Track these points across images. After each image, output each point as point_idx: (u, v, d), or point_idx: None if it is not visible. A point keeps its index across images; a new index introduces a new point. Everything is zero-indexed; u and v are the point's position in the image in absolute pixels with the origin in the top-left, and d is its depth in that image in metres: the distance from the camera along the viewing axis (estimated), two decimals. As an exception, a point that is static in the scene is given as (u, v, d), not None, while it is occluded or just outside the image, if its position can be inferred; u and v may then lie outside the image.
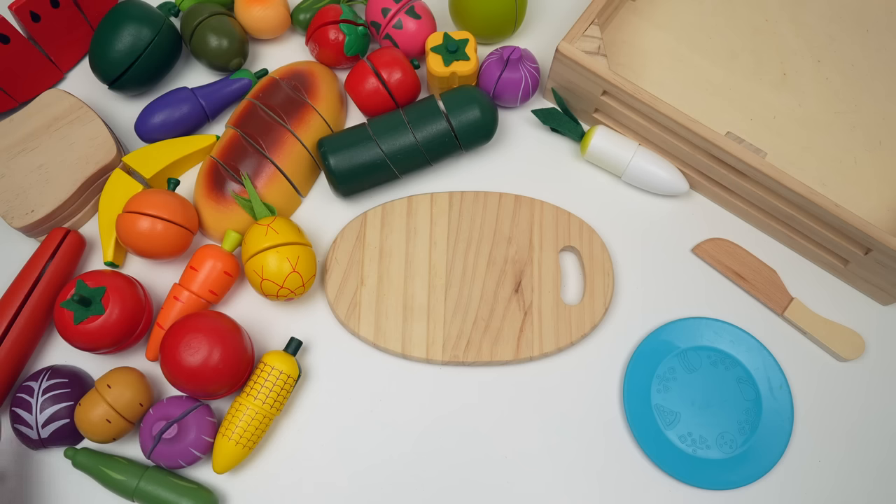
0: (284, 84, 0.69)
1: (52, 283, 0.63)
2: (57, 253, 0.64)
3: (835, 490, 0.62)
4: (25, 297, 0.62)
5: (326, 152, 0.66)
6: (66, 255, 0.65)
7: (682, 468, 0.61)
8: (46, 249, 0.64)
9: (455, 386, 0.64)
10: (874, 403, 0.64)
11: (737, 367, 0.64)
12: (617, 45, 0.74)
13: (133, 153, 0.68)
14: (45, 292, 0.63)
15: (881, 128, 0.72)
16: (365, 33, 0.72)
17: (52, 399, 0.59)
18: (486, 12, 0.71)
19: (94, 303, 0.59)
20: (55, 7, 0.70)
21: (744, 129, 0.70)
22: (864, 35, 0.76)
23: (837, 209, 0.61)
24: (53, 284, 0.63)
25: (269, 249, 0.61)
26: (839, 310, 0.67)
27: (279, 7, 0.73)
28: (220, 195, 0.66)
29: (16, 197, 0.65)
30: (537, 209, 0.68)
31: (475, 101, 0.67)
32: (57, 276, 0.64)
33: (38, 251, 0.64)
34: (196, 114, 0.70)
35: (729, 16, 0.76)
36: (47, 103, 0.68)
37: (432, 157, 0.67)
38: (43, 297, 0.63)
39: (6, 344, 0.61)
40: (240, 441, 0.59)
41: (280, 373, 0.60)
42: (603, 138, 0.68)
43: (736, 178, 0.65)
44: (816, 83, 0.74)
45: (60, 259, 0.64)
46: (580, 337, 0.64)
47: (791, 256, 0.69)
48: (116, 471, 0.59)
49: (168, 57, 0.71)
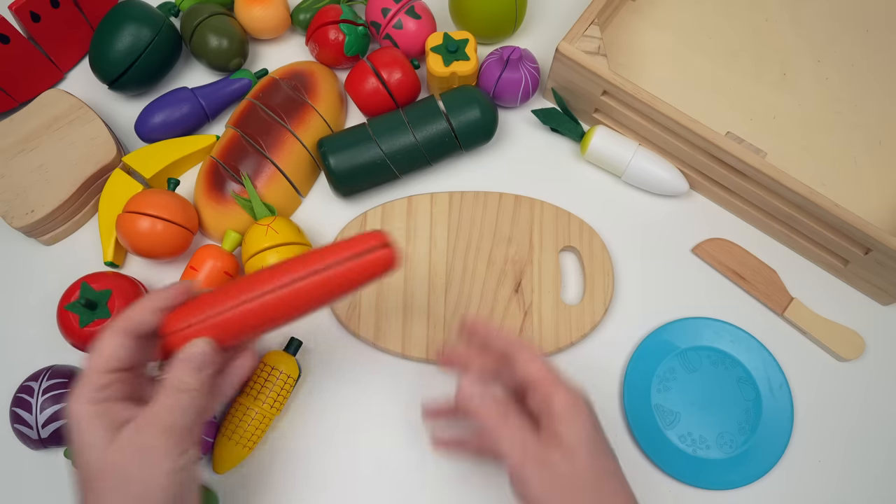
0: (284, 84, 0.69)
1: (334, 279, 0.47)
2: (364, 256, 0.47)
3: (835, 490, 0.62)
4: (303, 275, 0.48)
5: (326, 152, 0.66)
6: (369, 265, 0.48)
7: (681, 468, 0.61)
8: (357, 245, 0.48)
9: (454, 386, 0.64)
10: (874, 403, 0.64)
11: (737, 367, 0.64)
12: (617, 45, 0.74)
13: (133, 153, 0.68)
14: (323, 282, 0.48)
15: (881, 128, 0.72)
16: (365, 33, 0.72)
17: (52, 399, 0.59)
18: (486, 12, 0.71)
19: (100, 306, 0.59)
20: (55, 7, 0.70)
21: (744, 129, 0.70)
22: (864, 35, 0.76)
23: (837, 209, 0.61)
24: (335, 280, 0.48)
25: (269, 249, 0.61)
26: (839, 310, 0.67)
27: (279, 7, 0.73)
28: (220, 195, 0.66)
29: (16, 197, 0.65)
30: (537, 209, 0.68)
31: (475, 101, 0.67)
32: (345, 277, 0.48)
33: (345, 244, 0.48)
34: (196, 114, 0.70)
35: (729, 16, 0.76)
36: (47, 103, 0.68)
37: (432, 157, 0.67)
38: (316, 285, 0.48)
39: (265, 300, 0.47)
40: (240, 441, 0.59)
41: (280, 373, 0.60)
42: (603, 138, 0.68)
43: (736, 178, 0.65)
44: (816, 83, 0.74)
45: (362, 265, 0.48)
46: (580, 337, 0.64)
47: (791, 256, 0.69)
48: (116, 471, 0.59)
49: (168, 57, 0.71)
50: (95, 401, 0.43)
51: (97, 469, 0.42)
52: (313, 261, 0.47)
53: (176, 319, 0.47)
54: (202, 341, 0.46)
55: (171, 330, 0.47)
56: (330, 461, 0.62)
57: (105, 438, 0.42)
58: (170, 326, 0.47)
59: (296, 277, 0.47)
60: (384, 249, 0.47)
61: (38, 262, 0.68)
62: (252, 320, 0.47)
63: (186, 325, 0.47)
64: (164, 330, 0.47)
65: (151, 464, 0.42)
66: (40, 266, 0.68)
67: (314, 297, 0.47)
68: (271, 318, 0.47)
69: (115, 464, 0.42)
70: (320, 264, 0.47)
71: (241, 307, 0.46)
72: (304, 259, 0.47)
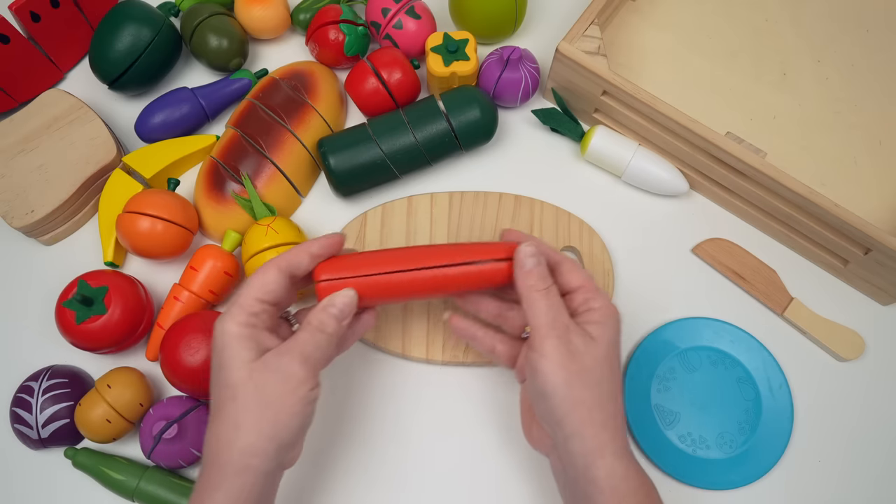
0: (284, 84, 0.69)
1: (480, 274, 0.53)
2: (509, 262, 0.53)
3: (835, 490, 0.62)
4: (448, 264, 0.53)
5: (326, 152, 0.66)
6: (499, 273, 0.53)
7: (681, 468, 0.61)
8: (507, 251, 0.53)
9: (455, 386, 0.64)
10: (874, 403, 0.64)
11: (737, 367, 0.64)
12: (617, 45, 0.74)
13: (133, 153, 0.68)
14: (469, 274, 0.53)
15: (881, 128, 0.72)
16: (365, 33, 0.72)
17: (52, 399, 0.59)
18: (486, 12, 0.71)
19: (97, 303, 0.59)
20: (55, 7, 0.70)
21: (744, 129, 0.70)
22: (864, 35, 0.76)
23: (837, 209, 0.61)
24: (480, 274, 0.53)
25: (269, 249, 0.61)
26: (839, 310, 0.67)
27: (279, 7, 0.73)
28: (220, 195, 0.66)
29: (16, 197, 0.65)
30: (537, 209, 0.68)
31: (475, 101, 0.67)
32: (489, 274, 0.53)
33: (497, 246, 0.54)
34: (196, 114, 0.70)
35: (729, 16, 0.76)
36: (47, 103, 0.68)
37: (432, 157, 0.67)
38: (463, 275, 0.53)
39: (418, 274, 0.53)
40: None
41: (280, 373, 0.60)
42: (603, 138, 0.68)
43: (736, 178, 0.65)
44: (816, 83, 0.74)
45: (508, 268, 0.53)
46: (580, 337, 0.64)
47: (791, 256, 0.69)
48: (116, 471, 0.59)
49: (168, 57, 0.71)
50: (246, 325, 0.48)
51: (240, 385, 0.47)
52: (465, 253, 0.53)
53: (327, 269, 0.52)
54: (350, 292, 0.51)
55: (323, 277, 0.52)
56: (330, 461, 0.62)
57: (251, 358, 0.47)
58: (321, 274, 0.52)
59: (449, 263, 0.53)
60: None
61: (38, 262, 0.68)
62: (398, 289, 0.53)
63: (338, 277, 0.52)
64: (316, 276, 0.52)
65: (288, 388, 0.47)
66: (40, 266, 0.68)
67: (457, 284, 0.53)
68: (415, 291, 0.53)
69: (257, 382, 0.47)
70: (473, 258, 0.53)
71: (392, 275, 0.52)
72: (458, 249, 0.54)
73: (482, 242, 0.55)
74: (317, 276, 0.52)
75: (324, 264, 0.52)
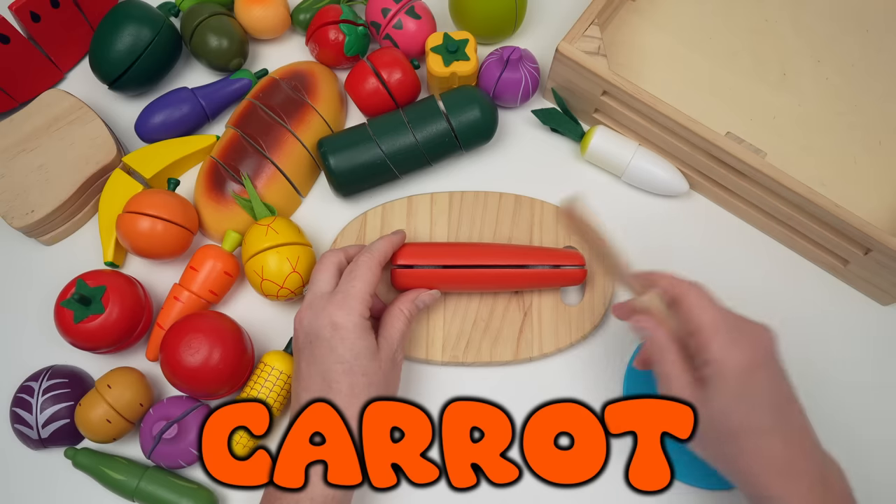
0: (284, 84, 0.69)
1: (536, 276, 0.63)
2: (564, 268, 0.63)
3: (835, 490, 0.62)
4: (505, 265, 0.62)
5: (326, 152, 0.66)
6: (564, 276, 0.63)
7: (682, 468, 0.61)
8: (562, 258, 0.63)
9: (454, 386, 0.64)
10: (874, 404, 0.64)
11: (737, 367, 0.64)
12: (617, 45, 0.74)
13: (133, 153, 0.68)
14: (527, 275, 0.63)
15: (881, 128, 0.72)
16: (365, 33, 0.72)
17: (52, 399, 0.59)
18: (486, 12, 0.71)
19: (94, 302, 0.59)
20: (55, 7, 0.70)
21: (744, 129, 0.69)
22: (864, 35, 0.76)
23: (837, 209, 0.61)
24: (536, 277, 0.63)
25: (269, 249, 0.61)
26: (839, 310, 0.67)
27: (279, 7, 0.73)
28: (220, 195, 0.66)
29: (16, 197, 0.65)
30: (537, 209, 0.68)
31: (475, 101, 0.67)
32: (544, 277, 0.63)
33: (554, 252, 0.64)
34: (196, 114, 0.70)
35: (729, 16, 0.76)
36: (47, 103, 0.68)
37: (432, 157, 0.67)
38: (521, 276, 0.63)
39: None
40: (239, 441, 0.58)
41: (280, 373, 0.60)
42: (603, 138, 0.68)
43: (736, 178, 0.65)
44: (816, 83, 0.74)
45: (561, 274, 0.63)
46: (580, 337, 0.64)
47: (791, 256, 0.69)
48: (116, 471, 0.59)
49: (168, 57, 0.71)
50: (366, 315, 0.56)
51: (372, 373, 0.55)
52: (526, 255, 0.62)
53: (401, 257, 0.61)
54: (435, 293, 0.62)
55: (401, 264, 0.61)
56: (330, 461, 0.62)
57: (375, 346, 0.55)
58: (398, 261, 0.61)
59: (511, 264, 0.62)
60: (580, 269, 0.63)
61: (38, 262, 0.68)
62: (463, 279, 0.62)
63: (411, 264, 0.61)
64: (395, 262, 0.61)
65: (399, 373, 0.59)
66: (40, 266, 0.68)
67: (514, 282, 0.62)
68: (477, 283, 0.62)
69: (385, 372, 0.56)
70: (532, 261, 0.62)
71: (461, 268, 0.61)
72: (520, 251, 0.63)
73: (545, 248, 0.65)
74: (394, 262, 0.61)
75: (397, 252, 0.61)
